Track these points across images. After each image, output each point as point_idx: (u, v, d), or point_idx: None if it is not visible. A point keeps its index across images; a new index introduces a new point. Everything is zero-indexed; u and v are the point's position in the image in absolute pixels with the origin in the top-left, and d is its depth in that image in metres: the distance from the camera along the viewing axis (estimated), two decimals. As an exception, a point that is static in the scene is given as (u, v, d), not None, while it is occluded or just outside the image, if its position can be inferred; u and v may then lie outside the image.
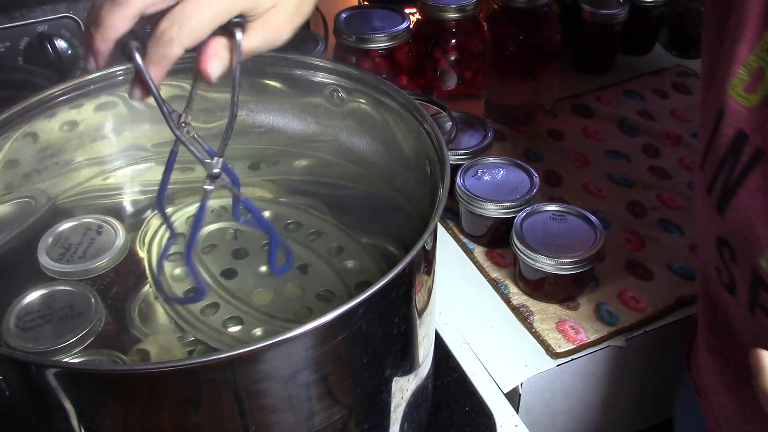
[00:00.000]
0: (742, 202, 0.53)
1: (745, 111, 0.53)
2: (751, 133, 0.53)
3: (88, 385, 0.45)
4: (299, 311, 0.61)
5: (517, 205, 0.81)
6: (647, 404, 0.86)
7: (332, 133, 0.70)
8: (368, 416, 0.54)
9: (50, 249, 0.63)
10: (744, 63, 0.53)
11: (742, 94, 0.54)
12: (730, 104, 0.54)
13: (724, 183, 0.55)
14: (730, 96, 0.54)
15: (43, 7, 0.85)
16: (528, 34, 0.99)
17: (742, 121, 0.54)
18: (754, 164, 0.52)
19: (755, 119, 0.53)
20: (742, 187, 0.53)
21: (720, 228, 0.56)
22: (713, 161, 0.56)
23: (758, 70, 0.53)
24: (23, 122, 0.61)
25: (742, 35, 0.53)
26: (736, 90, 0.54)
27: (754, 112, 0.53)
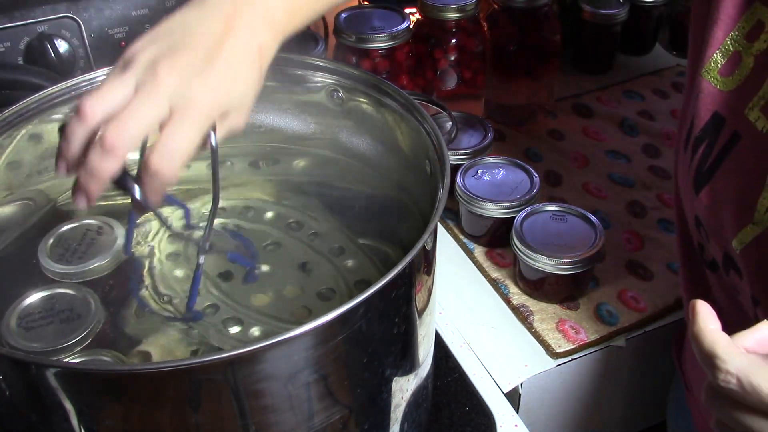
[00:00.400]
0: (718, 184, 0.54)
1: (720, 94, 0.54)
2: (729, 116, 0.54)
3: (88, 385, 0.45)
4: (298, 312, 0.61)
5: (517, 205, 0.81)
6: (647, 404, 0.86)
7: (332, 132, 0.70)
8: (368, 416, 0.54)
9: (51, 250, 0.63)
10: (719, 46, 0.54)
11: (717, 77, 0.54)
12: (704, 87, 0.55)
13: (698, 164, 0.55)
14: (704, 79, 0.55)
15: (43, 7, 0.85)
16: (528, 34, 0.99)
17: (718, 104, 0.54)
18: (730, 148, 0.53)
19: (732, 102, 0.53)
20: (718, 169, 0.54)
21: (697, 208, 0.57)
22: (691, 142, 0.57)
23: (735, 54, 0.53)
24: (23, 122, 0.61)
25: (718, 18, 0.54)
26: (711, 73, 0.55)
27: (731, 95, 0.53)
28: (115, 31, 0.89)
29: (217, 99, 0.46)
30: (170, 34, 0.47)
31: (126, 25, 0.89)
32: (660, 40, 1.24)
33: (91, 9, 0.87)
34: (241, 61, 0.48)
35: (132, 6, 0.89)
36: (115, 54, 0.88)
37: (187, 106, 0.45)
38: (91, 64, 0.89)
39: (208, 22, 0.48)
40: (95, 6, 0.87)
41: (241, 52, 0.48)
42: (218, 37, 0.47)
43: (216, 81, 0.46)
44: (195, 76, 0.46)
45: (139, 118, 0.44)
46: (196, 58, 0.46)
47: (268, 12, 0.50)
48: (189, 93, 0.45)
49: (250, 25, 0.49)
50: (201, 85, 0.46)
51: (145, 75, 0.45)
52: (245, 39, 0.48)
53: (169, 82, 0.45)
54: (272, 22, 0.50)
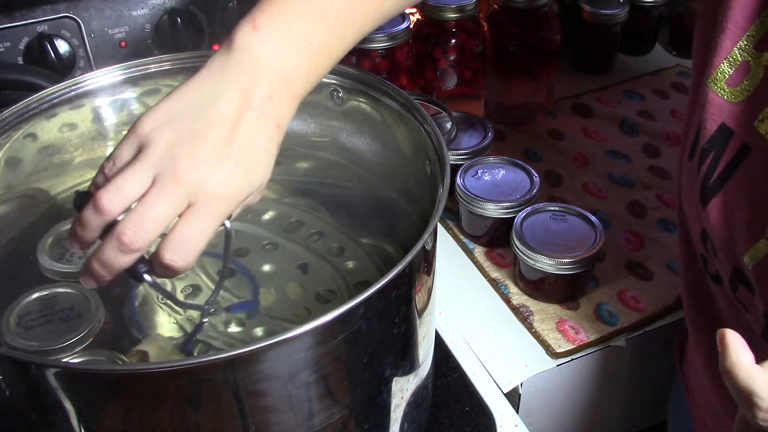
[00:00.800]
0: (727, 197, 0.53)
1: (728, 105, 0.53)
2: (737, 128, 0.52)
3: (88, 385, 0.45)
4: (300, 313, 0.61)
5: (517, 205, 0.81)
6: (647, 404, 0.86)
7: (332, 133, 0.70)
8: (368, 416, 0.54)
9: (50, 249, 0.63)
10: (727, 56, 0.53)
11: (724, 87, 0.53)
12: (710, 97, 0.54)
13: (705, 176, 0.54)
14: (710, 89, 0.54)
15: (43, 7, 0.85)
16: (528, 34, 0.99)
17: (724, 115, 0.53)
18: (740, 160, 0.52)
19: (741, 114, 0.52)
20: (728, 182, 0.53)
21: (703, 220, 0.55)
22: (698, 153, 0.56)
23: (743, 64, 0.52)
24: (23, 122, 0.61)
25: (726, 27, 0.52)
26: (718, 84, 0.53)
27: (740, 107, 0.52)
28: (115, 31, 0.89)
29: (236, 190, 0.46)
30: (186, 113, 0.46)
31: (126, 25, 0.89)
32: (660, 40, 1.24)
33: (91, 9, 0.87)
34: (259, 144, 0.47)
35: (132, 6, 0.89)
36: (115, 54, 0.89)
37: (206, 200, 0.44)
38: (91, 64, 0.89)
39: (225, 98, 0.46)
40: (95, 6, 0.87)
41: (259, 133, 0.47)
42: (235, 116, 0.46)
43: (236, 172, 0.45)
44: (214, 169, 0.44)
45: (157, 217, 0.44)
46: (215, 147, 0.45)
47: (286, 79, 0.48)
48: (208, 187, 0.44)
49: (267, 98, 0.47)
50: (221, 177, 0.45)
51: (163, 166, 0.44)
52: (263, 118, 0.47)
53: (190, 176, 0.44)
54: (290, 87, 0.48)
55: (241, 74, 0.47)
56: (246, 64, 0.47)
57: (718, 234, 0.54)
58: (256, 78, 0.47)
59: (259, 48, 0.47)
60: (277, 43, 0.48)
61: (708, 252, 0.56)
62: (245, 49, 0.47)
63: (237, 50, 0.47)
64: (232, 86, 0.47)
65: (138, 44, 0.90)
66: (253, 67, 0.47)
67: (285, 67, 0.48)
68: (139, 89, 0.67)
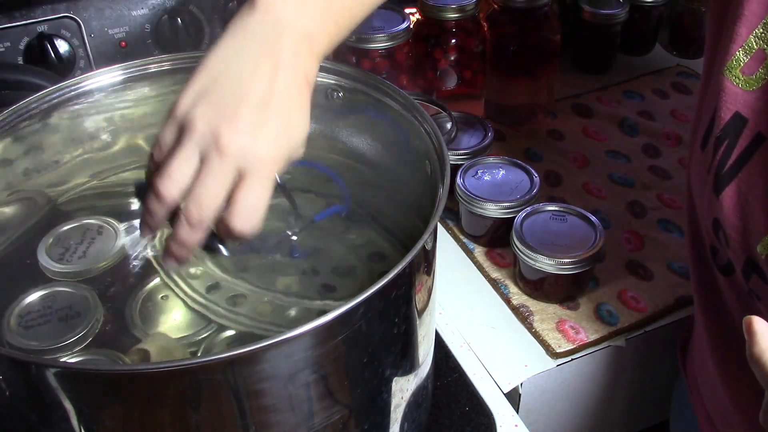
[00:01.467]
0: (742, 186, 0.52)
1: (743, 94, 0.53)
2: (752, 116, 0.52)
3: (88, 385, 0.45)
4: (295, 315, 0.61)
5: (517, 205, 0.81)
6: (647, 404, 0.86)
7: (332, 133, 0.70)
8: (368, 416, 0.54)
9: (50, 249, 0.63)
10: (743, 44, 0.52)
11: (739, 76, 0.53)
12: (725, 86, 0.53)
13: (719, 165, 0.54)
14: (725, 77, 0.53)
15: (43, 7, 0.85)
16: (528, 34, 0.99)
17: (739, 103, 0.53)
18: (755, 149, 0.52)
19: (755, 103, 0.52)
20: (741, 171, 0.52)
21: (716, 210, 0.55)
22: (712, 142, 0.55)
23: (759, 52, 0.52)
24: (23, 122, 0.61)
25: (742, 14, 0.52)
26: (733, 72, 0.53)
27: (754, 95, 0.52)
28: (115, 31, 0.89)
29: (281, 149, 0.46)
30: (217, 84, 0.46)
31: (126, 25, 0.89)
32: (660, 40, 1.24)
33: (91, 9, 0.87)
34: (294, 101, 0.47)
35: (132, 6, 0.89)
36: (115, 54, 0.89)
37: (255, 165, 0.45)
38: (91, 64, 0.89)
39: (252, 62, 0.47)
40: (95, 6, 0.87)
41: (292, 89, 0.47)
42: (267, 79, 0.46)
43: (276, 132, 0.46)
44: (256, 135, 0.45)
45: (213, 194, 0.45)
46: (252, 112, 0.45)
47: (308, 37, 0.49)
48: (255, 153, 0.45)
49: (293, 55, 0.48)
50: (264, 141, 0.45)
51: (207, 144, 0.45)
52: (293, 74, 0.47)
53: (233, 148, 0.45)
54: (312, 44, 0.49)
55: (266, 34, 0.47)
56: (268, 23, 0.47)
57: (731, 223, 0.54)
58: (281, 36, 0.47)
59: (280, 6, 0.48)
60: (298, 1, 0.48)
61: (720, 242, 0.56)
62: (267, 9, 0.48)
63: (258, 10, 0.48)
64: (258, 48, 0.47)
65: (138, 44, 0.90)
66: (277, 26, 0.47)
67: (307, 24, 0.48)
68: (139, 89, 0.67)
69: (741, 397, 0.60)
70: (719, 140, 0.54)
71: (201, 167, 0.45)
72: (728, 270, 0.57)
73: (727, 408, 0.63)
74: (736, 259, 0.55)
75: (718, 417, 0.65)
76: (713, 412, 0.66)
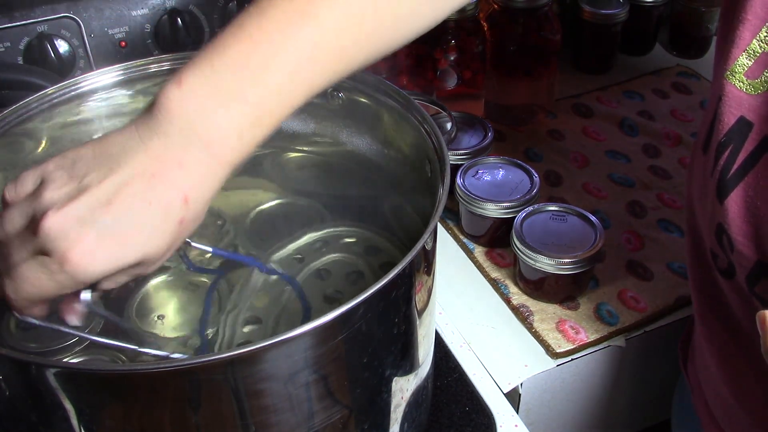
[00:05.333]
0: (749, 191, 0.52)
1: (747, 98, 0.52)
2: (757, 121, 0.52)
3: (88, 385, 0.45)
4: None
5: (517, 205, 0.81)
6: (647, 404, 0.86)
7: (332, 133, 0.70)
8: (368, 416, 0.54)
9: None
10: (746, 48, 0.52)
11: (743, 80, 0.52)
12: (728, 90, 0.53)
13: (723, 170, 0.54)
14: (728, 81, 0.53)
15: (43, 7, 0.85)
16: (528, 34, 0.99)
17: (744, 108, 0.52)
18: (761, 153, 0.51)
19: (761, 107, 0.51)
20: (748, 175, 0.52)
21: (720, 216, 0.55)
22: (714, 147, 0.55)
23: (763, 56, 0.51)
24: (23, 122, 0.61)
25: (745, 18, 0.52)
26: (736, 76, 0.53)
27: (760, 99, 0.51)
28: (115, 31, 0.89)
29: (94, 264, 0.41)
30: (89, 163, 0.43)
31: (126, 25, 0.89)
32: (660, 40, 1.24)
33: (91, 9, 0.87)
34: (145, 217, 0.42)
35: (132, 6, 0.89)
36: (115, 54, 0.89)
37: (57, 258, 0.41)
38: (91, 64, 0.89)
39: (128, 158, 0.42)
40: (95, 6, 0.87)
41: (151, 204, 0.42)
42: (126, 179, 0.42)
43: (99, 242, 0.41)
44: (77, 231, 0.41)
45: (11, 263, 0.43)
46: (90, 205, 0.41)
47: (209, 143, 0.42)
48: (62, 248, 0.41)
49: (176, 165, 0.42)
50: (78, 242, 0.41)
51: (38, 211, 0.42)
52: (162, 189, 0.42)
53: (47, 228, 0.41)
54: (212, 153, 0.43)
55: (154, 134, 0.42)
56: (161, 122, 0.42)
57: (738, 228, 0.53)
58: (168, 140, 0.42)
59: (178, 105, 0.42)
60: (202, 101, 0.42)
61: (723, 247, 0.56)
62: (165, 108, 0.42)
63: (157, 108, 0.43)
64: (141, 146, 0.42)
65: (138, 44, 0.90)
66: (168, 127, 0.42)
67: (208, 129, 0.43)
68: (139, 89, 0.67)
69: (746, 395, 0.60)
70: (722, 145, 0.54)
71: (24, 228, 0.43)
72: (729, 274, 0.57)
73: (731, 407, 0.63)
74: (741, 263, 0.54)
75: (721, 416, 0.65)
76: (717, 411, 0.66)
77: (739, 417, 0.62)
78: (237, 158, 0.45)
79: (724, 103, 0.53)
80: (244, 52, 0.44)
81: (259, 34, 0.44)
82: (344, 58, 0.47)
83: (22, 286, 0.42)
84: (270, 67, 0.44)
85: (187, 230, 0.44)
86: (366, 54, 0.49)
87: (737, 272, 0.55)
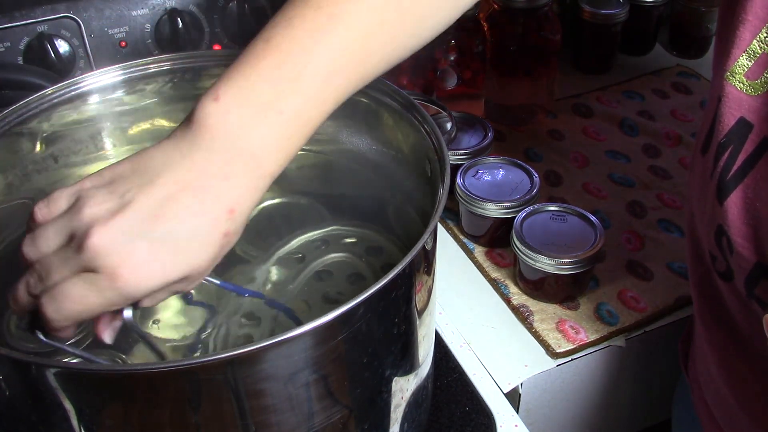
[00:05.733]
0: (748, 192, 0.52)
1: (748, 99, 0.52)
2: (757, 122, 0.51)
3: (88, 385, 0.45)
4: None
5: (517, 205, 0.81)
6: (647, 404, 0.86)
7: (332, 132, 0.70)
8: (368, 416, 0.54)
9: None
10: (746, 48, 0.52)
11: (743, 81, 0.52)
12: (728, 91, 0.53)
13: (722, 171, 0.54)
14: (728, 82, 0.53)
15: (43, 7, 0.85)
16: (528, 34, 0.99)
17: (744, 108, 0.52)
18: (761, 154, 0.51)
19: (762, 108, 0.51)
20: (747, 176, 0.52)
21: (720, 217, 0.55)
22: (713, 149, 0.55)
23: (763, 57, 0.51)
24: (22, 122, 0.61)
25: (745, 19, 0.52)
26: (736, 76, 0.53)
27: (760, 100, 0.51)
28: (115, 31, 0.89)
29: (140, 279, 0.41)
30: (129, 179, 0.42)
31: (126, 25, 0.89)
32: (660, 40, 1.24)
33: (91, 9, 0.87)
34: (193, 231, 0.42)
35: (132, 6, 0.89)
36: (115, 54, 0.89)
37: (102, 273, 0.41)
38: (91, 64, 0.89)
39: (171, 171, 0.42)
40: (95, 6, 0.87)
41: (197, 217, 0.42)
42: (172, 193, 0.41)
43: (147, 256, 0.41)
44: (124, 245, 0.40)
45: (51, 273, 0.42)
46: (137, 221, 0.41)
47: (252, 155, 0.43)
48: (108, 263, 0.40)
49: (221, 178, 0.42)
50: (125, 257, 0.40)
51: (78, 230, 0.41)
52: (208, 202, 0.42)
53: (93, 245, 0.40)
54: (256, 165, 0.43)
55: (196, 149, 0.42)
56: (203, 137, 0.43)
57: (737, 229, 0.53)
58: (211, 155, 0.42)
59: (218, 120, 0.43)
60: (241, 115, 0.43)
61: (722, 249, 0.56)
62: (204, 122, 0.43)
63: (195, 123, 0.43)
64: (184, 161, 0.42)
65: (138, 44, 0.90)
66: (210, 142, 0.42)
67: (250, 142, 0.43)
68: (139, 89, 0.67)
69: (746, 396, 0.60)
70: (722, 146, 0.54)
71: (61, 248, 0.42)
72: (727, 276, 0.57)
73: (731, 407, 0.63)
74: (739, 265, 0.54)
75: (722, 416, 0.65)
76: (717, 412, 0.66)
77: (738, 417, 0.62)
78: (277, 169, 0.45)
79: (723, 104, 0.53)
80: (277, 62, 0.44)
81: (290, 42, 0.45)
82: (372, 60, 0.48)
83: (66, 305, 0.42)
84: (303, 75, 0.44)
85: (230, 243, 0.44)
86: (390, 55, 0.50)
87: (736, 275, 0.55)
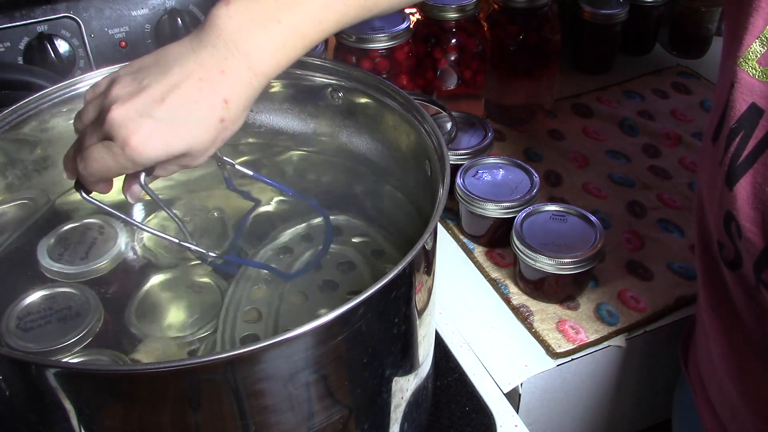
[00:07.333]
0: (757, 177, 0.52)
1: (760, 85, 0.52)
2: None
3: (88, 385, 0.45)
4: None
5: (517, 205, 0.81)
6: (647, 404, 0.86)
7: (332, 132, 0.70)
8: (368, 416, 0.54)
9: (51, 250, 0.63)
10: (759, 35, 0.52)
11: (756, 67, 0.53)
12: (741, 77, 0.53)
13: (733, 157, 0.54)
14: (741, 68, 0.53)
15: (43, 7, 0.85)
16: (528, 34, 0.99)
17: (756, 94, 0.53)
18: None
19: None
20: (757, 162, 0.52)
21: (729, 203, 0.55)
22: (725, 134, 0.55)
23: None
24: (23, 122, 0.61)
25: (759, 6, 0.52)
26: (749, 63, 0.53)
27: None
28: (115, 31, 0.89)
29: (149, 149, 0.49)
30: (147, 70, 0.51)
31: (126, 25, 0.89)
32: (660, 40, 1.24)
33: (91, 9, 0.87)
34: (193, 113, 0.49)
35: (132, 6, 0.89)
36: (115, 54, 0.89)
37: (117, 139, 0.49)
38: (91, 64, 0.89)
39: (180, 64, 0.50)
40: (95, 6, 0.87)
41: (197, 102, 0.49)
42: (177, 81, 0.49)
43: (153, 131, 0.49)
44: (135, 120, 0.49)
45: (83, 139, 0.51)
46: (147, 101, 0.49)
47: (247, 55, 0.50)
48: (123, 134, 0.49)
49: (218, 72, 0.50)
50: (137, 129, 0.49)
51: (105, 105, 0.50)
52: (207, 90, 0.49)
53: (111, 118, 0.49)
54: (250, 65, 0.50)
55: (203, 46, 0.50)
56: (210, 36, 0.50)
57: (746, 214, 0.53)
58: (214, 50, 0.50)
59: (225, 22, 0.50)
60: (244, 18, 0.50)
61: (730, 235, 0.56)
62: (214, 24, 0.50)
63: (207, 24, 0.50)
64: (192, 55, 0.50)
65: (138, 44, 0.90)
66: (215, 40, 0.50)
67: (248, 43, 0.50)
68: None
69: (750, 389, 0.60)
70: (733, 132, 0.54)
71: (95, 120, 0.51)
72: (735, 265, 0.57)
73: (735, 404, 0.63)
74: (748, 251, 0.54)
75: (725, 413, 0.65)
76: (720, 409, 0.66)
77: (742, 413, 0.62)
78: (270, 71, 0.51)
79: (736, 90, 0.54)
80: None
81: None
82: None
83: (91, 164, 0.50)
84: None
85: (227, 129, 0.51)
86: None
87: (744, 261, 0.55)
